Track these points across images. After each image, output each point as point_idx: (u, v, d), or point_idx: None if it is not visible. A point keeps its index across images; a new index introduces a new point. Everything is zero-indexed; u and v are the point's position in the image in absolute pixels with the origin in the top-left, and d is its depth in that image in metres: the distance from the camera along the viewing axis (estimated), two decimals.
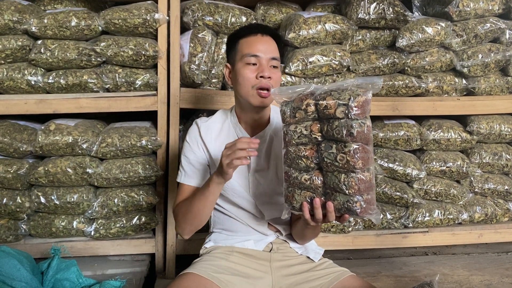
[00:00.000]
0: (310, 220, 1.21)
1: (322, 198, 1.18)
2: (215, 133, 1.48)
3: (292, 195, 1.23)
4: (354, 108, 1.09)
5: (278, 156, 1.43)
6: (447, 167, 2.21)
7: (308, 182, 1.19)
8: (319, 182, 1.18)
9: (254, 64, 1.37)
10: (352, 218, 2.12)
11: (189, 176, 1.47)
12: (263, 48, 1.37)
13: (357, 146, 1.10)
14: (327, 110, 1.13)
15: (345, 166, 1.11)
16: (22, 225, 2.00)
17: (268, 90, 1.35)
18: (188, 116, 2.18)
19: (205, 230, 1.56)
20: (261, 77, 1.35)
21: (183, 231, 1.41)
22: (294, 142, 1.20)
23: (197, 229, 1.41)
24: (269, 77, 1.35)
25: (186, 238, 1.43)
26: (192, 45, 2.00)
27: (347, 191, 1.12)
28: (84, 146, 1.94)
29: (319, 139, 1.17)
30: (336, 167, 1.13)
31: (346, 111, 1.10)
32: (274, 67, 1.39)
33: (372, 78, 1.12)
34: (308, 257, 1.47)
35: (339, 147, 1.12)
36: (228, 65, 1.47)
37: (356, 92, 1.10)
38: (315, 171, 1.19)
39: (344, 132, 1.10)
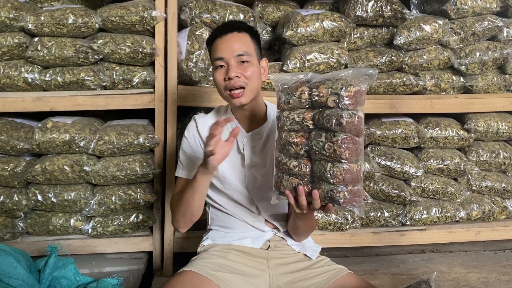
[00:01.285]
0: (296, 207, 1.23)
1: (309, 186, 1.19)
2: None
3: (280, 181, 1.24)
4: (345, 98, 1.10)
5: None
6: (444, 165, 2.21)
7: (296, 169, 1.20)
8: (307, 169, 1.19)
9: (223, 66, 1.36)
10: (349, 216, 2.13)
11: (184, 169, 1.50)
12: (226, 47, 1.35)
13: (345, 136, 1.11)
14: (319, 99, 1.14)
15: (332, 155, 1.12)
16: (19, 223, 1.99)
17: (242, 88, 1.34)
18: (185, 114, 2.17)
19: (203, 228, 1.56)
20: (229, 78, 1.34)
21: (178, 223, 1.42)
22: (286, 128, 1.22)
23: (191, 222, 1.41)
24: (237, 76, 1.33)
25: (182, 231, 1.44)
26: (189, 42, 2.00)
27: (331, 180, 1.13)
28: (81, 143, 1.94)
29: (311, 127, 1.18)
30: (323, 156, 1.14)
31: (337, 101, 1.10)
32: (245, 62, 1.35)
33: (366, 70, 1.13)
34: (306, 255, 1.47)
35: (328, 136, 1.13)
36: None
37: (349, 82, 1.11)
38: (304, 159, 1.20)
39: (334, 121, 1.11)
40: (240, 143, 1.45)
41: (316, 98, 1.15)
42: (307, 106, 1.19)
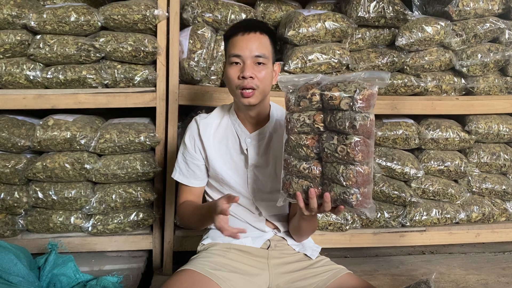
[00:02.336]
0: (304, 209, 1.22)
1: (319, 188, 1.19)
2: (213, 129, 1.48)
3: (290, 183, 1.24)
4: (359, 101, 1.09)
5: (277, 153, 1.43)
6: (445, 166, 2.21)
7: (307, 171, 1.20)
8: (317, 172, 1.19)
9: (238, 64, 1.35)
10: (349, 216, 2.13)
11: (181, 174, 1.53)
12: (245, 46, 1.34)
13: (358, 139, 1.10)
14: (331, 101, 1.13)
15: (345, 158, 1.12)
16: (20, 220, 1.99)
17: (253, 89, 1.33)
18: (187, 113, 2.18)
19: None
20: (243, 77, 1.33)
21: (188, 228, 1.54)
22: (296, 130, 1.21)
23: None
24: (251, 77, 1.33)
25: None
26: (191, 41, 2.00)
27: (344, 183, 1.13)
28: (82, 141, 1.94)
29: (321, 129, 1.18)
30: (335, 158, 1.14)
31: (351, 103, 1.10)
32: (261, 64, 1.35)
33: (379, 73, 1.12)
34: (305, 255, 1.47)
35: (341, 138, 1.13)
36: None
37: (362, 85, 1.11)
38: (314, 161, 1.20)
39: (347, 124, 1.10)
40: (243, 143, 1.45)
41: (329, 100, 1.14)
42: (317, 108, 1.18)
